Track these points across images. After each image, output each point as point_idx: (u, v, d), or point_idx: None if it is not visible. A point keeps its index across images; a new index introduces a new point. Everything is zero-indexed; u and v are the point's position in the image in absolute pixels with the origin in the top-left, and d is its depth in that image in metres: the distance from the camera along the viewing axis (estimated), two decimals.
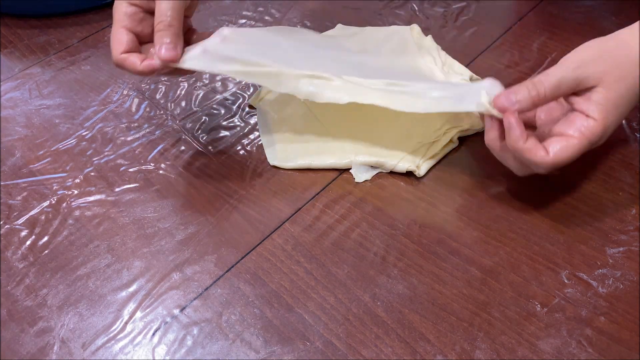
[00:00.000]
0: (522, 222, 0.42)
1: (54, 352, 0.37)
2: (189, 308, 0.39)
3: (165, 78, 0.58)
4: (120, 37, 0.42)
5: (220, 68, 0.43)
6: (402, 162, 0.46)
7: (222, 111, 0.54)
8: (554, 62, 0.55)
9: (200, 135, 0.52)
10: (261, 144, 0.50)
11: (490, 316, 0.37)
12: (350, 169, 0.47)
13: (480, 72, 0.55)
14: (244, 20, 0.65)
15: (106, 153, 0.51)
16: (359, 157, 0.46)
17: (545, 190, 0.44)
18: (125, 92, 0.57)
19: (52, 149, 0.52)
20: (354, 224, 0.43)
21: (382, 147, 0.47)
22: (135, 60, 0.42)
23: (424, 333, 0.37)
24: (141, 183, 0.48)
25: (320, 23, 0.63)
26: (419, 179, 0.46)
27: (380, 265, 0.40)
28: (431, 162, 0.46)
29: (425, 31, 0.60)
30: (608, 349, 0.35)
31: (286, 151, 0.48)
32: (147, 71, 0.43)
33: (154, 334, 0.38)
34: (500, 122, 0.38)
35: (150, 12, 0.43)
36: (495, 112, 0.38)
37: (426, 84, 0.44)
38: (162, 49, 0.42)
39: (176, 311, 0.39)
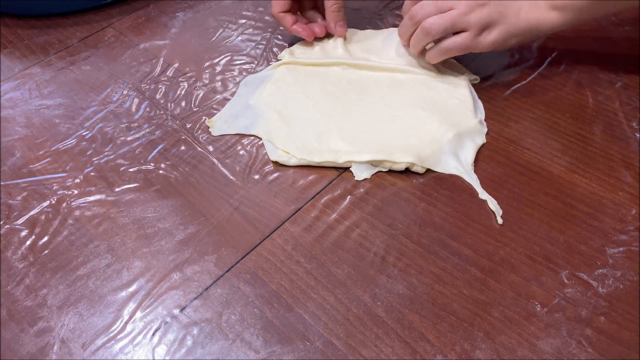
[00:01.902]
0: (522, 222, 0.42)
1: (54, 352, 0.37)
2: (189, 308, 0.39)
3: (166, 78, 0.58)
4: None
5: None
6: (401, 159, 0.46)
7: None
8: (554, 62, 0.56)
9: (200, 135, 0.52)
10: (261, 143, 0.50)
11: (490, 316, 0.37)
12: (350, 167, 0.47)
13: (480, 72, 0.55)
14: (244, 20, 0.65)
15: (106, 153, 0.51)
16: (359, 155, 0.46)
17: (545, 190, 0.44)
18: (125, 92, 0.57)
19: (52, 149, 0.52)
20: (354, 224, 0.43)
21: (381, 145, 0.47)
22: (289, 20, 0.57)
23: (424, 333, 0.37)
24: (141, 183, 0.48)
25: None
26: (419, 178, 0.46)
27: (380, 265, 0.40)
28: (430, 160, 0.46)
29: None
30: (608, 349, 0.35)
31: (287, 147, 0.48)
32: (297, 32, 0.58)
33: (154, 334, 0.38)
34: None
35: None
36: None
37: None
38: (338, 27, 0.57)
39: (176, 311, 0.39)
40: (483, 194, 0.44)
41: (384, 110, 0.51)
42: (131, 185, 0.48)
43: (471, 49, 0.50)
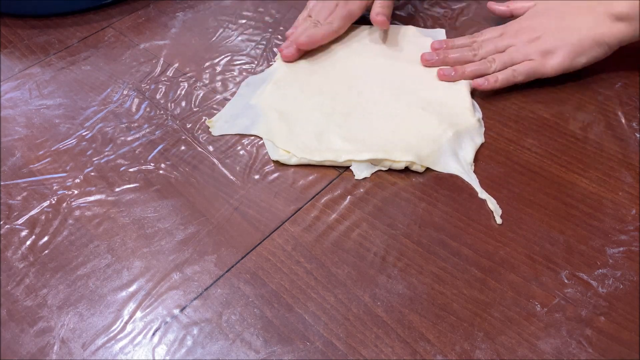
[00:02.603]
0: (522, 222, 0.42)
1: (54, 352, 0.37)
2: (189, 308, 0.39)
3: (166, 78, 0.58)
4: None
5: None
6: (401, 158, 0.46)
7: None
8: None
9: (200, 135, 0.52)
10: (262, 143, 0.50)
11: (490, 316, 0.37)
12: (350, 166, 0.47)
13: None
14: (244, 20, 0.65)
15: (106, 153, 0.51)
16: (359, 154, 0.46)
17: (545, 190, 0.44)
18: (125, 92, 0.57)
19: (52, 149, 0.52)
20: (354, 224, 0.43)
21: (381, 144, 0.47)
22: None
23: (424, 333, 0.37)
24: (141, 183, 0.48)
25: None
26: (419, 178, 0.46)
27: (380, 265, 0.40)
28: (429, 159, 0.46)
29: None
30: (608, 349, 0.35)
31: (287, 147, 0.48)
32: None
33: (154, 334, 0.38)
34: None
35: None
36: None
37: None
38: (378, 16, 0.56)
39: (176, 311, 0.39)
40: (482, 194, 0.44)
41: (383, 110, 0.51)
42: (131, 185, 0.48)
43: (538, 74, 0.51)
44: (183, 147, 0.51)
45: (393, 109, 0.51)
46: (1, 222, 0.46)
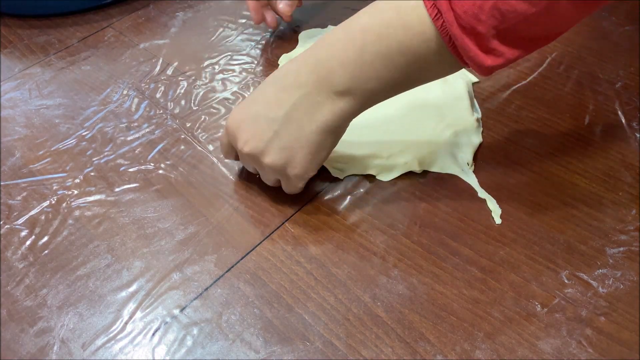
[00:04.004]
0: (522, 222, 0.42)
1: (54, 352, 0.37)
2: (189, 308, 0.39)
3: (165, 77, 0.58)
4: None
5: None
6: (401, 159, 0.46)
7: (222, 110, 0.54)
8: (554, 61, 0.56)
9: (200, 135, 0.52)
10: None
11: (490, 316, 0.37)
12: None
13: None
14: (244, 20, 0.65)
15: (106, 153, 0.51)
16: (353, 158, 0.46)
17: (545, 190, 0.44)
18: (125, 92, 0.57)
19: (52, 149, 0.52)
20: (354, 224, 0.43)
21: (377, 145, 0.47)
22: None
23: (424, 333, 0.37)
24: (141, 183, 0.48)
25: (321, 24, 0.63)
26: (419, 178, 0.46)
27: (380, 265, 0.40)
28: (427, 160, 0.46)
29: None
30: (608, 349, 0.35)
31: None
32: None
33: (154, 334, 0.38)
34: None
35: None
36: None
37: None
38: (283, 5, 0.59)
39: (176, 311, 0.39)
40: (482, 193, 0.44)
41: (381, 111, 0.51)
42: (131, 185, 0.48)
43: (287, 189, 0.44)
44: (183, 147, 0.51)
45: (390, 109, 0.51)
46: (1, 222, 0.46)
